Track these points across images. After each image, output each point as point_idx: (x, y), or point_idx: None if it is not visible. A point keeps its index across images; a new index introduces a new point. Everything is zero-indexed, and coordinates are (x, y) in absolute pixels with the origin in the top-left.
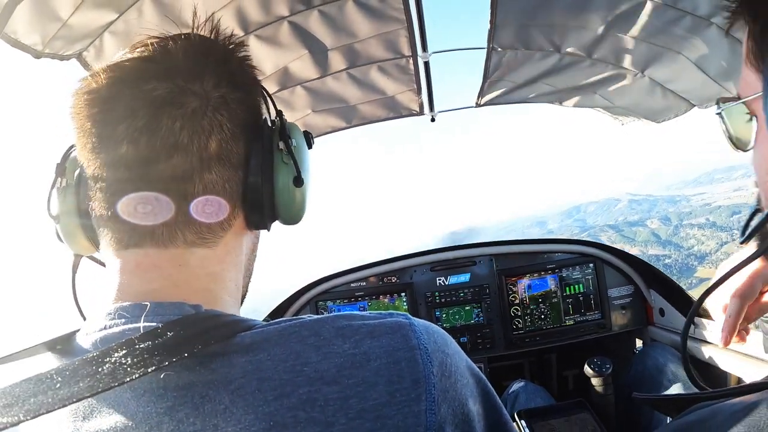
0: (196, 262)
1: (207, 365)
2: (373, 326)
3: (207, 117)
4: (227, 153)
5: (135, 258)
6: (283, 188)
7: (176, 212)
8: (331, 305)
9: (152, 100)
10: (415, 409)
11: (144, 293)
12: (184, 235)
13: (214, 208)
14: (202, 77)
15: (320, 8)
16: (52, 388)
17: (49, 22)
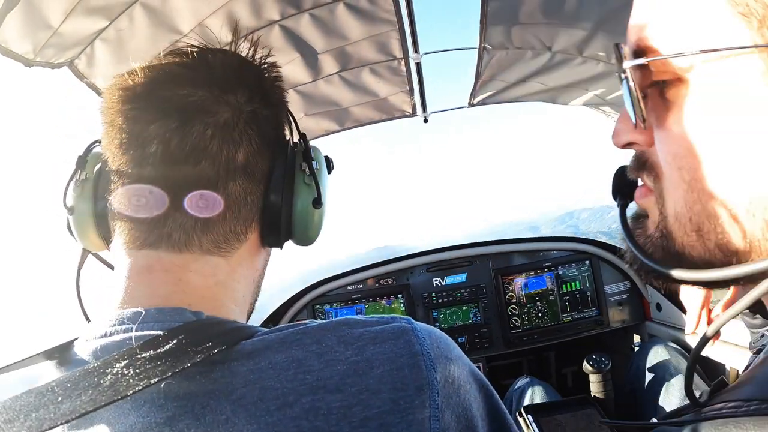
0: (207, 270)
1: (207, 374)
2: (376, 332)
3: (238, 129)
4: (253, 166)
5: (147, 260)
6: (302, 209)
7: (195, 218)
8: (328, 308)
9: (186, 104)
10: (419, 416)
11: (149, 298)
12: (201, 241)
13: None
14: (236, 90)
15: (311, 12)
16: (54, 402)
17: (40, 31)
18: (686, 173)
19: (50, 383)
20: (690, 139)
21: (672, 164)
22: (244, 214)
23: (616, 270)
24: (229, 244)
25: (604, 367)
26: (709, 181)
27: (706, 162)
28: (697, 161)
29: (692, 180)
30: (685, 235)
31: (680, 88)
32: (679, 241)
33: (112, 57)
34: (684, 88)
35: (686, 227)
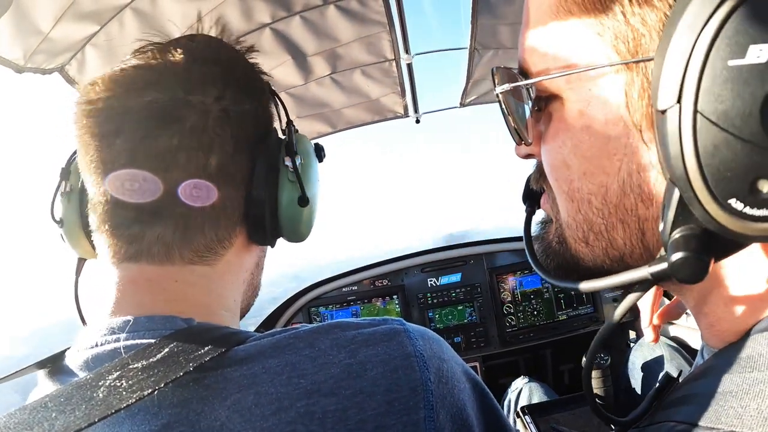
0: (194, 279)
1: (201, 381)
2: (368, 334)
3: (207, 133)
4: (230, 169)
5: (130, 273)
6: (287, 207)
7: (173, 231)
8: (323, 311)
9: (150, 113)
10: (414, 417)
11: (138, 307)
12: (182, 253)
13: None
14: (203, 87)
15: (302, 14)
16: (48, 419)
17: (30, 36)
18: (564, 184)
19: (43, 398)
20: (563, 152)
21: (552, 175)
22: (224, 222)
23: None
24: (213, 252)
25: (603, 363)
26: (583, 192)
27: (577, 174)
28: (570, 173)
29: (570, 190)
30: (576, 244)
31: (557, 104)
32: (573, 249)
33: (103, 62)
34: (560, 104)
35: (575, 236)
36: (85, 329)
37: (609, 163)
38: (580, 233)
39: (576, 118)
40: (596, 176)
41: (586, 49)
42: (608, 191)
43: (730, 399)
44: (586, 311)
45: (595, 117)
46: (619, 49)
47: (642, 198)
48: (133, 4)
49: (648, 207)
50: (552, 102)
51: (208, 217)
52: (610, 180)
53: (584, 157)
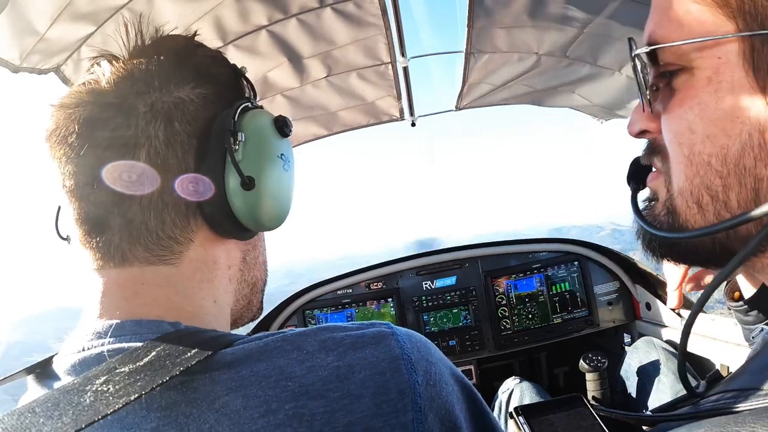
0: (159, 281)
1: (189, 384)
2: (356, 337)
3: (131, 130)
4: (163, 162)
5: (103, 279)
6: (235, 194)
7: (120, 234)
8: (318, 314)
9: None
10: (402, 419)
11: (120, 312)
12: (135, 254)
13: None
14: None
15: (298, 17)
16: (35, 425)
17: (27, 36)
18: (686, 148)
19: (31, 404)
20: (688, 118)
21: (674, 142)
22: (171, 216)
23: (605, 270)
24: (169, 250)
25: (601, 365)
26: (704, 154)
27: (700, 137)
28: (694, 137)
29: (691, 154)
30: (688, 209)
31: (682, 77)
32: (683, 216)
33: None
34: (685, 76)
35: (688, 201)
36: (72, 334)
37: (732, 125)
38: (695, 197)
39: (704, 85)
40: (719, 138)
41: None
42: (729, 152)
43: None
44: (581, 314)
45: (723, 82)
46: (747, 21)
47: (761, 157)
48: (129, 5)
49: (766, 165)
50: (678, 76)
51: (148, 211)
52: (731, 141)
53: (709, 120)
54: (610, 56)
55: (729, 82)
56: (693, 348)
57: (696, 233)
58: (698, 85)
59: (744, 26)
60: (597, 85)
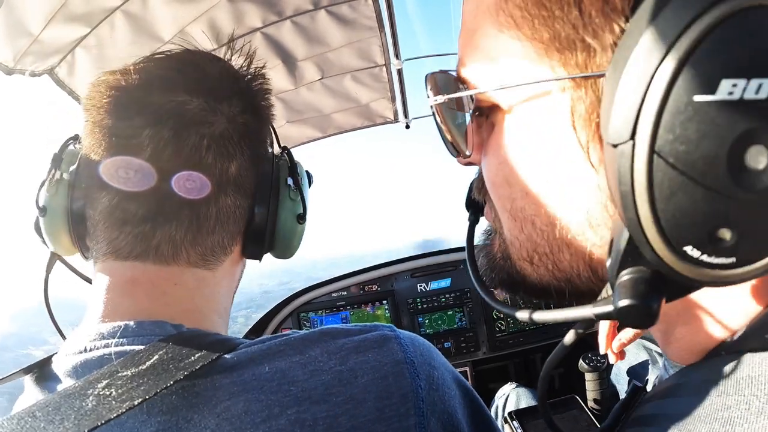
0: (192, 283)
1: (191, 389)
2: (359, 341)
3: (233, 141)
4: (243, 180)
5: (132, 272)
6: (286, 223)
7: (185, 231)
8: (313, 316)
9: (182, 112)
10: (405, 424)
11: (132, 312)
12: (188, 254)
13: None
14: (230, 100)
15: (293, 19)
16: (36, 429)
17: (20, 38)
18: (506, 202)
19: (31, 408)
20: (503, 169)
21: (493, 192)
22: (232, 228)
23: None
24: (216, 257)
25: (600, 365)
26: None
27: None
28: (512, 191)
29: (512, 209)
30: (521, 261)
31: (500, 114)
32: (518, 266)
33: (93, 65)
34: (501, 114)
35: (520, 254)
36: (74, 333)
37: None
38: (524, 253)
39: (518, 133)
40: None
41: (529, 60)
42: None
43: (699, 425)
44: None
45: (539, 134)
46: (566, 62)
47: (590, 222)
48: (123, 7)
49: (596, 232)
50: (495, 112)
51: (220, 221)
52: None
53: (527, 176)
54: None
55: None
56: None
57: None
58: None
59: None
60: None
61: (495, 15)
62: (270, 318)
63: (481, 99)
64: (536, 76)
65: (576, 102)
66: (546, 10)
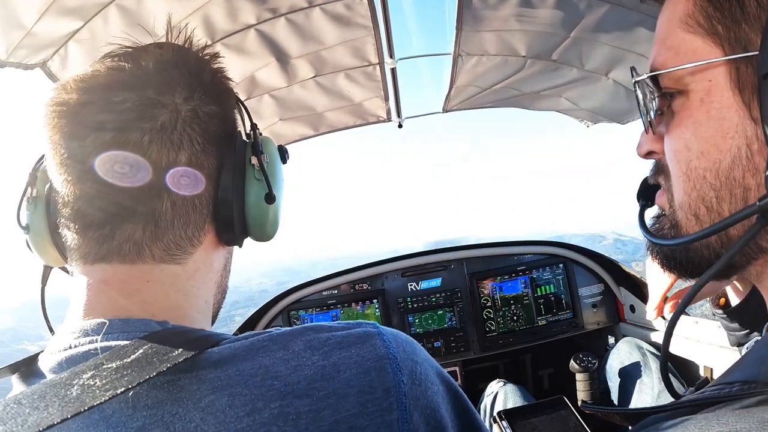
0: (165, 279)
1: (175, 383)
2: (342, 337)
3: (177, 131)
4: (198, 168)
5: (102, 274)
6: (255, 205)
7: (143, 229)
8: (303, 314)
9: (120, 112)
10: (388, 418)
11: (111, 310)
12: (152, 251)
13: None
14: (173, 89)
15: (287, 16)
16: (21, 415)
17: (13, 31)
18: (684, 165)
19: (17, 396)
20: (685, 137)
21: (673, 160)
22: (194, 218)
23: (589, 273)
24: (182, 249)
25: (591, 366)
26: (699, 169)
27: (696, 154)
28: (690, 154)
29: (688, 170)
30: (687, 221)
31: (679, 100)
32: (684, 228)
33: (85, 59)
34: (682, 99)
35: (687, 213)
36: (57, 332)
37: (723, 141)
38: (693, 209)
39: (697, 105)
40: (712, 154)
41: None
42: (721, 166)
43: None
44: (566, 317)
45: (713, 102)
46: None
47: (749, 168)
48: (117, 1)
49: (753, 176)
50: (676, 98)
51: (178, 214)
52: (722, 156)
53: (703, 138)
54: (598, 61)
55: (719, 102)
56: (676, 350)
57: (688, 239)
58: (693, 107)
59: (730, 51)
60: (584, 89)
61: (684, 22)
62: (260, 316)
63: (669, 86)
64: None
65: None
66: (720, 12)
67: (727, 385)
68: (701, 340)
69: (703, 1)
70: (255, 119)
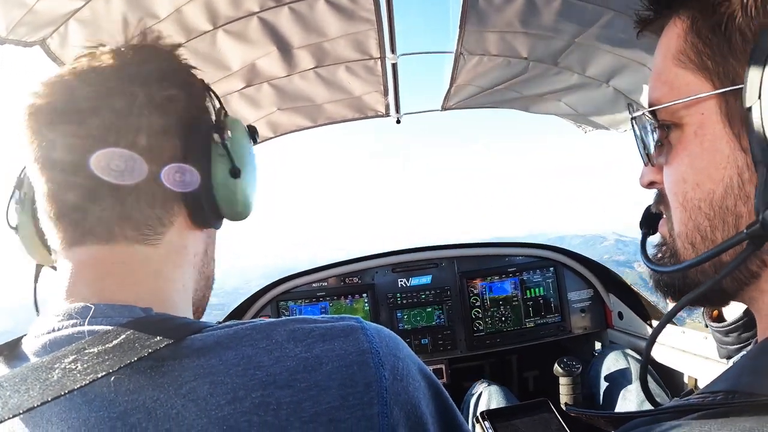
0: (139, 260)
1: (157, 369)
2: (325, 329)
3: (133, 114)
4: (158, 149)
5: (79, 256)
6: (221, 182)
7: (111, 209)
8: (292, 305)
9: (81, 104)
10: (368, 412)
11: (92, 293)
12: (123, 230)
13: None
14: (132, 80)
15: (291, 5)
16: (2, 397)
17: (14, 8)
18: (680, 196)
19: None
20: (681, 169)
21: (671, 191)
22: (160, 198)
23: (579, 277)
24: (152, 229)
25: (575, 371)
26: (694, 200)
27: (691, 185)
28: (686, 185)
29: (684, 201)
30: (684, 250)
31: (675, 133)
32: (681, 257)
33: (85, 38)
34: (678, 132)
35: (684, 242)
36: (41, 315)
37: (716, 171)
38: (690, 238)
39: (692, 138)
40: (706, 185)
41: (699, 83)
42: (714, 196)
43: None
44: (554, 320)
45: (706, 135)
46: (722, 80)
47: (740, 196)
48: None
49: (745, 203)
50: (673, 131)
51: (143, 192)
52: (716, 186)
53: (697, 170)
54: (599, 67)
55: (711, 134)
56: (662, 359)
57: (682, 266)
58: (688, 139)
59: (719, 84)
60: (583, 95)
61: (677, 58)
62: (249, 305)
63: (665, 119)
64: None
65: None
66: (709, 48)
67: (711, 394)
68: (687, 351)
69: (694, 38)
70: (253, 108)
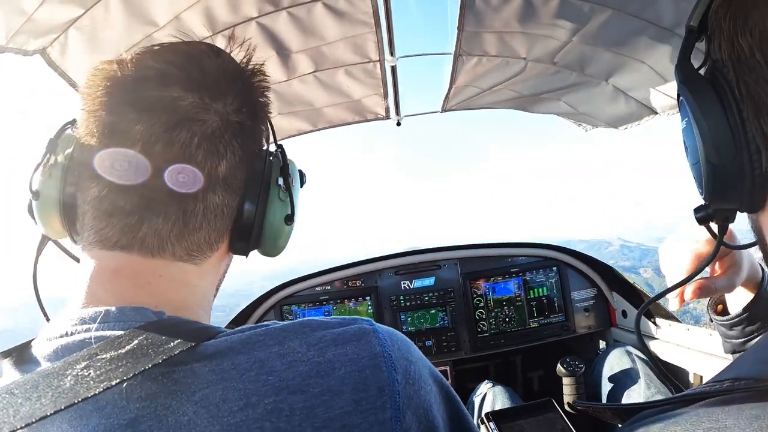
0: (177, 276)
1: (170, 375)
2: (338, 334)
3: (224, 140)
4: (233, 179)
5: (117, 262)
6: (273, 223)
7: (172, 226)
8: (296, 309)
9: (175, 108)
10: (381, 417)
11: (114, 300)
12: (174, 249)
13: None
14: (226, 98)
15: (289, 10)
16: (13, 405)
17: (14, 16)
18: None
19: (9, 385)
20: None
21: None
22: (219, 225)
23: (583, 277)
24: (202, 252)
25: (578, 370)
26: None
27: None
28: None
29: None
30: None
31: None
32: None
33: (85, 46)
34: None
35: None
36: (55, 318)
37: None
38: None
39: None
40: None
41: None
42: None
43: None
44: (558, 320)
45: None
46: None
47: None
48: None
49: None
50: None
51: (207, 219)
52: None
53: None
54: (598, 66)
55: None
56: (667, 357)
57: None
58: None
59: None
60: (583, 94)
61: None
62: (253, 309)
63: None
64: None
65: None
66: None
67: (717, 382)
68: (692, 348)
69: None
70: None
